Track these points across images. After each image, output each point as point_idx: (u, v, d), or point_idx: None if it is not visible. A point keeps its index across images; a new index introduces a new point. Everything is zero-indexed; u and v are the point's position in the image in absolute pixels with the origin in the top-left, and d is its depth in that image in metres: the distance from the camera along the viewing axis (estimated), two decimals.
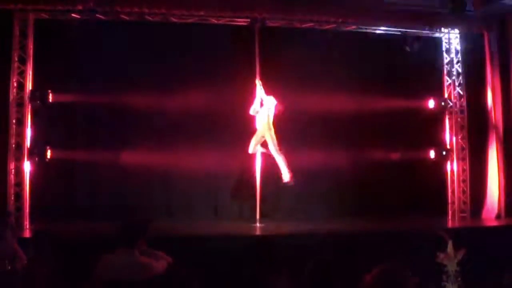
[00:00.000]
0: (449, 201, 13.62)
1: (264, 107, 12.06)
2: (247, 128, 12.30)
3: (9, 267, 6.59)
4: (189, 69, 13.26)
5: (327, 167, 13.93)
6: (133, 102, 12.84)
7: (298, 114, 13.28)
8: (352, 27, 13.16)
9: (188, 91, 13.06)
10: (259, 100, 12.18)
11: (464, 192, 13.61)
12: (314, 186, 14.06)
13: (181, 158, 13.32)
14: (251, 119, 12.29)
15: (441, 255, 5.22)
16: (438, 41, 14.14)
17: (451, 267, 5.15)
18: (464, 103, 13.75)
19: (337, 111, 13.60)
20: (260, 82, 12.23)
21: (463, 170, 13.69)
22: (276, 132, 12.14)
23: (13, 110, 11.77)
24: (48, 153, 11.98)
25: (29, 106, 11.93)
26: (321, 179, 14.07)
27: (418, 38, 13.42)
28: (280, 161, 11.98)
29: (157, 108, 13.06)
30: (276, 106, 12.00)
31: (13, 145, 11.73)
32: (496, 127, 13.24)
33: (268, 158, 12.41)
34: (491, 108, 13.36)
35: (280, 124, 12.18)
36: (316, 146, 13.67)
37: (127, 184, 13.26)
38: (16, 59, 11.88)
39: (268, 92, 12.18)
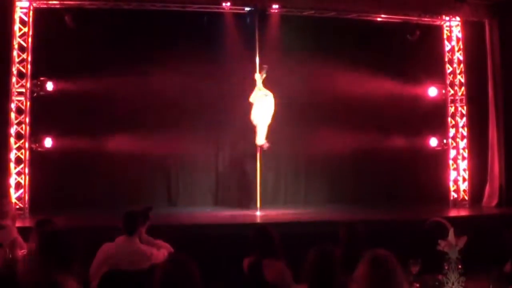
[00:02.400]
0: (450, 189, 13.62)
1: (264, 98, 12.02)
2: (248, 117, 12.28)
3: (10, 256, 6.59)
4: (190, 58, 13.23)
5: (327, 155, 13.96)
6: (134, 90, 12.84)
7: (298, 101, 13.29)
8: (353, 15, 13.11)
9: (189, 80, 13.06)
10: (259, 89, 12.15)
11: (465, 180, 13.61)
12: (315, 174, 14.12)
13: (181, 147, 13.34)
14: (251, 107, 12.27)
15: (443, 243, 5.20)
16: (439, 28, 14.09)
17: (453, 255, 5.12)
18: (465, 91, 13.72)
19: (338, 99, 13.63)
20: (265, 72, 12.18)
21: (464, 159, 13.68)
22: (276, 121, 12.19)
23: (12, 99, 11.73)
24: (49, 142, 11.97)
25: (29, 95, 11.89)
26: (322, 167, 14.11)
27: (419, 25, 13.44)
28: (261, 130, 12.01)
29: (158, 96, 13.07)
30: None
31: (13, 134, 11.71)
32: (497, 116, 13.20)
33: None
34: (492, 96, 13.32)
35: (280, 112, 12.17)
36: (316, 134, 13.69)
37: (127, 173, 13.28)
38: (16, 47, 11.84)
39: (267, 79, 12.17)
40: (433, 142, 13.66)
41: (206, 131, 13.52)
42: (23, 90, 11.85)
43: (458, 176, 13.62)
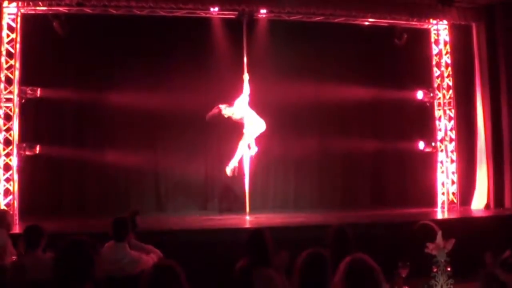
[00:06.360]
0: (439, 192, 13.65)
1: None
2: (235, 123, 12.28)
3: None
4: (178, 63, 13.27)
5: (316, 159, 14.01)
6: (121, 97, 12.81)
7: (287, 106, 13.31)
8: (341, 19, 13.14)
9: (177, 86, 13.10)
10: (246, 96, 12.17)
11: (453, 183, 13.65)
12: (304, 178, 14.14)
13: (170, 153, 13.35)
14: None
15: (431, 246, 5.23)
16: (427, 32, 14.15)
17: (441, 257, 5.16)
18: (453, 95, 13.77)
19: (326, 102, 13.67)
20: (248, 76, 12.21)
21: (452, 161, 13.72)
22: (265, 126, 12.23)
23: (0, 105, 11.68)
24: (37, 149, 11.92)
25: (17, 101, 11.85)
26: (311, 170, 14.13)
27: (406, 29, 13.51)
28: (238, 155, 12.05)
29: (146, 103, 13.03)
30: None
31: (2, 141, 11.66)
32: (485, 118, 13.27)
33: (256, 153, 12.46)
34: (480, 99, 13.39)
35: (269, 117, 12.18)
36: (305, 138, 13.73)
37: (116, 179, 13.26)
38: (4, 53, 11.80)
39: (256, 85, 12.19)
40: (421, 145, 13.67)
41: (194, 136, 13.51)
42: (11, 96, 11.79)
43: (447, 179, 13.64)
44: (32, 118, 12.55)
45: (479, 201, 13.18)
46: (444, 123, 13.74)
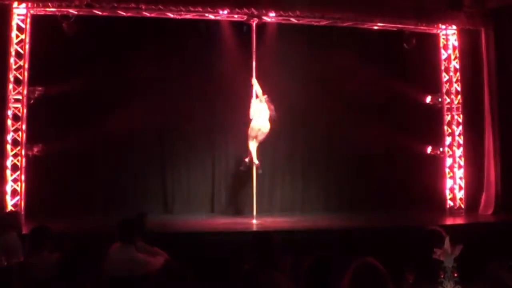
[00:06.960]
0: (447, 197, 13.63)
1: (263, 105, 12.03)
2: (243, 125, 12.27)
3: (5, 263, 6.58)
4: (186, 66, 13.25)
5: (324, 163, 13.99)
6: (130, 98, 12.83)
7: (294, 109, 13.30)
8: (349, 23, 13.13)
9: (185, 88, 13.10)
10: (257, 99, 12.13)
11: (461, 188, 13.62)
12: (311, 181, 14.10)
13: (177, 155, 13.35)
14: (246, 115, 12.22)
15: (438, 251, 5.20)
16: (436, 37, 14.13)
17: (448, 263, 5.13)
18: (462, 100, 13.74)
19: (334, 106, 13.63)
20: (256, 80, 12.17)
21: (460, 167, 13.69)
22: (272, 127, 12.14)
23: (9, 105, 11.71)
24: (45, 149, 11.94)
25: (26, 102, 11.88)
26: (318, 174, 14.11)
27: (415, 34, 13.48)
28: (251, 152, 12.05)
29: (154, 105, 13.05)
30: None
31: (10, 141, 11.68)
32: (493, 124, 13.23)
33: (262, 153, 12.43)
34: (488, 104, 13.34)
35: (277, 120, 12.15)
36: (312, 141, 13.73)
37: (124, 180, 13.25)
38: (13, 54, 11.83)
39: (264, 87, 12.15)
40: (430, 150, 13.65)
41: (202, 138, 13.51)
42: (20, 97, 11.83)
43: (455, 185, 13.63)
44: (40, 119, 12.55)
45: (487, 207, 13.13)
46: (453, 129, 13.72)
